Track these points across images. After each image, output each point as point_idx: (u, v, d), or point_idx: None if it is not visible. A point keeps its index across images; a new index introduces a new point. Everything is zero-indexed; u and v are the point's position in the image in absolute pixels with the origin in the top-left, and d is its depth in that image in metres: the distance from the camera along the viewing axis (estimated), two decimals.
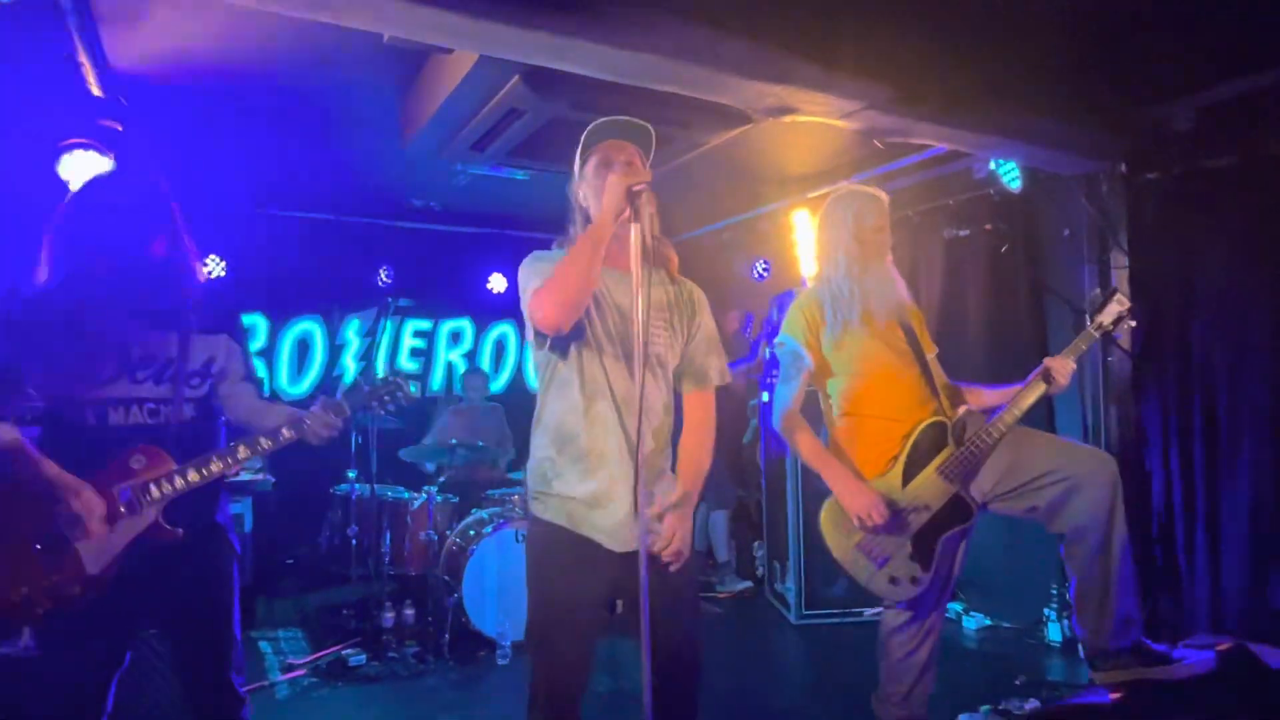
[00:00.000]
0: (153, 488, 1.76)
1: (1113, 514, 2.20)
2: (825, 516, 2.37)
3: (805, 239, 5.27)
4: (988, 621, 4.12)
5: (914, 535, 2.27)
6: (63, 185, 2.90)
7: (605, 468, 1.75)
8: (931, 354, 2.47)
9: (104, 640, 1.77)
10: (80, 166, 2.94)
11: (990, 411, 2.36)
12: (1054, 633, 3.76)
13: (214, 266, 4.82)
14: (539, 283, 1.73)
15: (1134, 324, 2.51)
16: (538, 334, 1.79)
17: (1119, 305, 2.41)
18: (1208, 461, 3.34)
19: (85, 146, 2.97)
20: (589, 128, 1.84)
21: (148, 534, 1.76)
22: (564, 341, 1.77)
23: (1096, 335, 2.40)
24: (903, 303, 2.41)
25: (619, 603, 1.80)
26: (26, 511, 1.70)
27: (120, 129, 3.05)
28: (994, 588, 4.17)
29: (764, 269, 5.93)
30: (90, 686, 1.76)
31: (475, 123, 3.34)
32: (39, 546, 1.69)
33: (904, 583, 2.25)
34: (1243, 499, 3.22)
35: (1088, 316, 2.43)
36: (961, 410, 2.34)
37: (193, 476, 1.79)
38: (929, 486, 2.27)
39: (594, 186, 1.80)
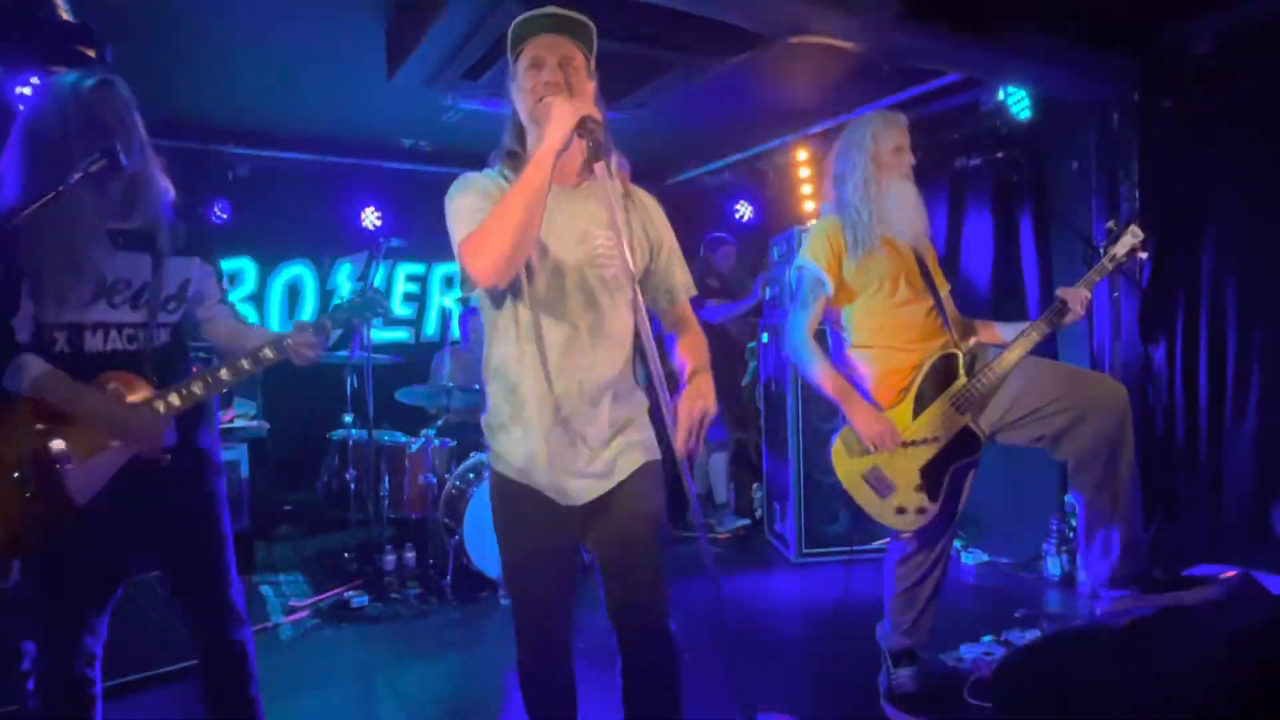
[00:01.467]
0: (159, 404, 1.71)
1: (1121, 442, 2.17)
2: (838, 446, 2.34)
3: (806, 177, 5.16)
4: (986, 557, 4.15)
5: (922, 466, 2.24)
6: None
7: (545, 418, 1.58)
8: (945, 290, 2.42)
9: (95, 570, 1.74)
10: None
11: (999, 347, 2.32)
12: (1053, 567, 3.78)
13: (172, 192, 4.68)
14: (467, 229, 1.51)
15: (1144, 256, 2.44)
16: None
17: (1133, 237, 2.34)
18: (1212, 394, 3.31)
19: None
20: (516, 20, 1.59)
21: (133, 461, 1.72)
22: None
23: (1110, 267, 2.34)
24: (921, 232, 2.35)
25: (586, 555, 1.71)
26: (8, 442, 1.64)
27: (93, 55, 2.89)
28: (992, 524, 4.18)
29: (751, 213, 5.83)
30: (83, 617, 1.73)
31: (468, 48, 3.18)
32: (25, 478, 1.63)
33: (910, 513, 2.23)
34: (1247, 431, 3.20)
35: (1101, 248, 2.37)
36: (973, 341, 2.30)
37: (175, 400, 1.74)
38: (940, 417, 2.24)
39: (522, 93, 1.58)
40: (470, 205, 1.57)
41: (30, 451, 1.64)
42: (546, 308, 1.58)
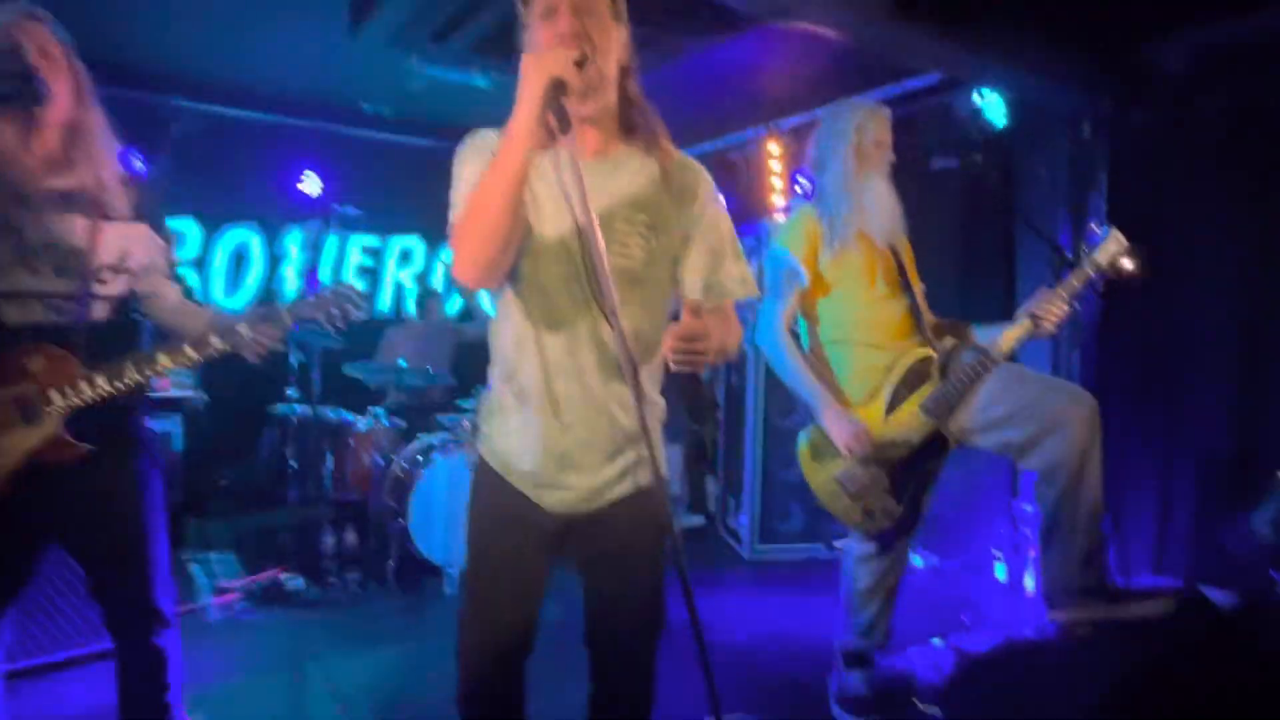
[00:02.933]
0: (53, 394, 1.54)
1: (1086, 454, 2.15)
2: (804, 446, 2.28)
3: (778, 171, 5.11)
4: (936, 560, 4.18)
5: (891, 468, 2.20)
6: None
7: (544, 414, 1.41)
8: (919, 289, 2.37)
9: None
10: None
11: (975, 349, 2.29)
12: (1001, 572, 3.82)
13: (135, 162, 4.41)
14: (455, 215, 1.36)
15: (1129, 266, 2.38)
16: None
17: (1116, 244, 2.30)
18: (1167, 410, 3.36)
19: None
20: None
21: (48, 447, 1.55)
22: None
23: (1091, 273, 2.30)
24: (898, 230, 2.29)
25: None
26: None
27: None
28: (943, 526, 4.21)
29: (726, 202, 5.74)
30: None
31: (436, 7, 3.02)
32: None
33: (878, 514, 2.19)
34: (1197, 449, 3.26)
35: (1083, 254, 2.33)
36: (947, 344, 2.25)
37: (102, 384, 1.57)
38: (911, 420, 2.20)
39: (536, 46, 1.35)
40: (469, 179, 1.38)
41: None
42: (550, 296, 1.39)
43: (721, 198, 1.53)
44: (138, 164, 1.76)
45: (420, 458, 3.76)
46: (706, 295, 1.48)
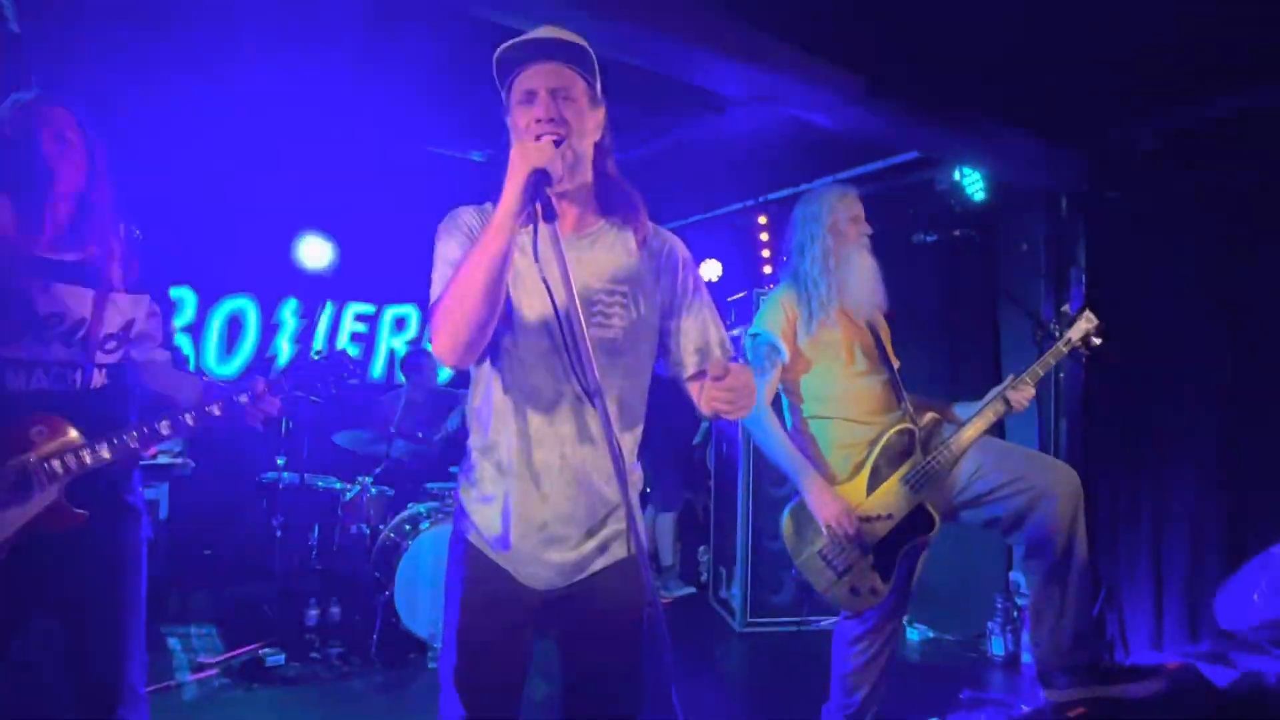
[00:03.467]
0: (55, 463, 1.55)
1: (1073, 528, 2.16)
2: (788, 522, 2.27)
3: (764, 242, 5.23)
4: (931, 633, 4.10)
5: (876, 544, 2.19)
6: None
7: (523, 486, 1.41)
8: (896, 365, 2.42)
9: None
10: None
11: (954, 425, 2.31)
12: (997, 646, 3.74)
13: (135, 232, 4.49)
14: (439, 291, 1.38)
15: (1098, 342, 2.45)
16: None
17: (1087, 323, 2.37)
18: (1153, 479, 3.37)
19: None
20: (501, 48, 1.40)
21: (46, 515, 1.55)
22: None
23: (1065, 350, 2.36)
24: (879, 303, 2.35)
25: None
26: None
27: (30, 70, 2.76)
28: (937, 599, 4.15)
29: (721, 271, 5.84)
30: None
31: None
32: None
33: (864, 593, 2.17)
34: (1186, 518, 3.25)
35: (1055, 331, 2.39)
36: (928, 418, 2.28)
37: (104, 452, 1.59)
38: (893, 495, 2.20)
39: (515, 129, 1.40)
40: (449, 257, 1.40)
41: None
42: (531, 369, 1.41)
43: (696, 268, 1.58)
44: (137, 234, 1.80)
45: (408, 527, 3.72)
46: (700, 362, 1.50)
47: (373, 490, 4.05)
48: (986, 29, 2.70)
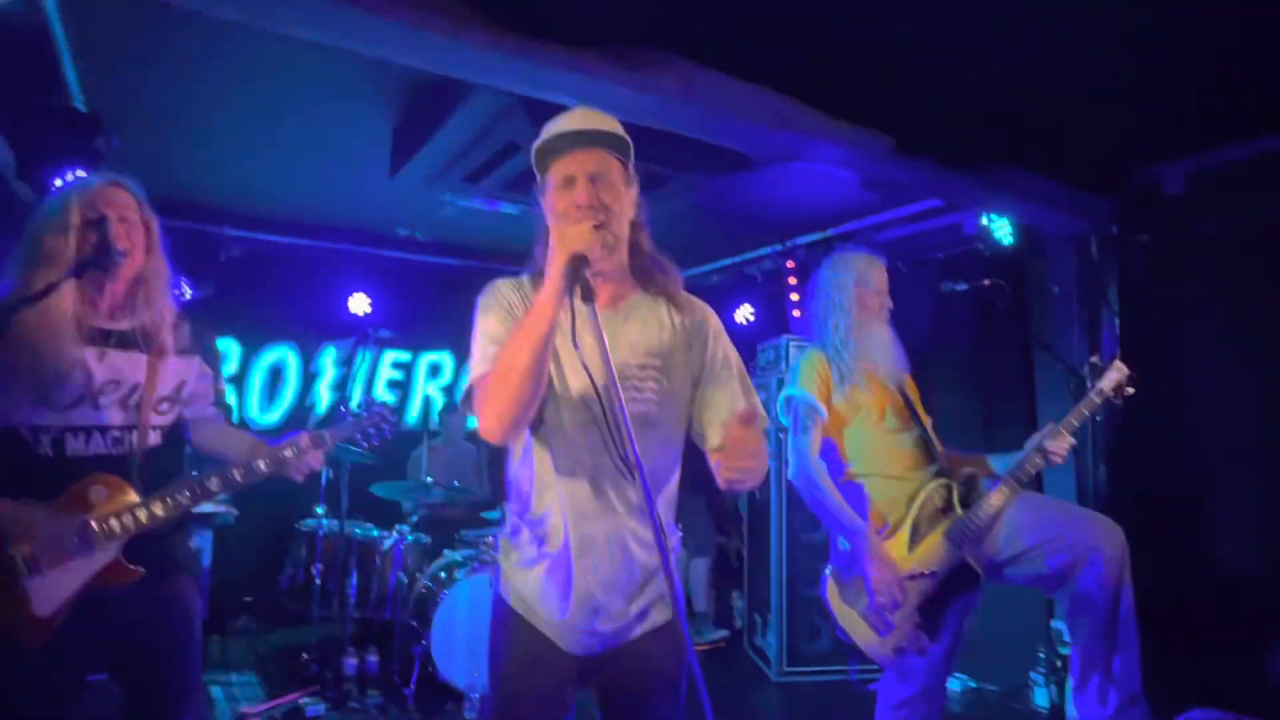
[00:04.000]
0: (114, 522, 1.62)
1: (1120, 585, 2.13)
2: (831, 583, 2.28)
3: (793, 286, 5.26)
4: (972, 684, 4.02)
5: (921, 603, 2.19)
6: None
7: (565, 556, 1.44)
8: (928, 422, 2.43)
9: (49, 688, 1.62)
10: None
11: (992, 479, 2.31)
12: (1040, 698, 3.66)
13: (183, 290, 4.67)
14: (480, 370, 1.42)
15: (1131, 391, 2.44)
16: None
17: (1118, 373, 2.36)
18: (1196, 527, 3.30)
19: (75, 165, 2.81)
20: (545, 134, 1.47)
21: (106, 572, 1.62)
22: None
23: (1098, 401, 2.35)
24: (900, 370, 2.39)
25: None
26: None
27: (99, 144, 2.92)
28: (976, 647, 4.06)
29: (751, 315, 5.88)
30: None
31: (472, 154, 3.27)
32: None
33: (910, 653, 2.15)
34: (1231, 566, 3.18)
35: (1087, 382, 2.39)
36: (965, 472, 2.28)
37: (158, 510, 1.66)
38: (935, 551, 2.21)
39: (553, 214, 1.46)
40: (491, 333, 1.46)
41: None
42: (570, 442, 1.45)
43: (727, 338, 1.60)
44: (187, 292, 1.89)
45: (444, 575, 3.77)
46: (725, 435, 1.49)
47: (409, 538, 4.11)
48: (1008, 78, 2.74)
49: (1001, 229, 3.92)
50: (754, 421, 1.35)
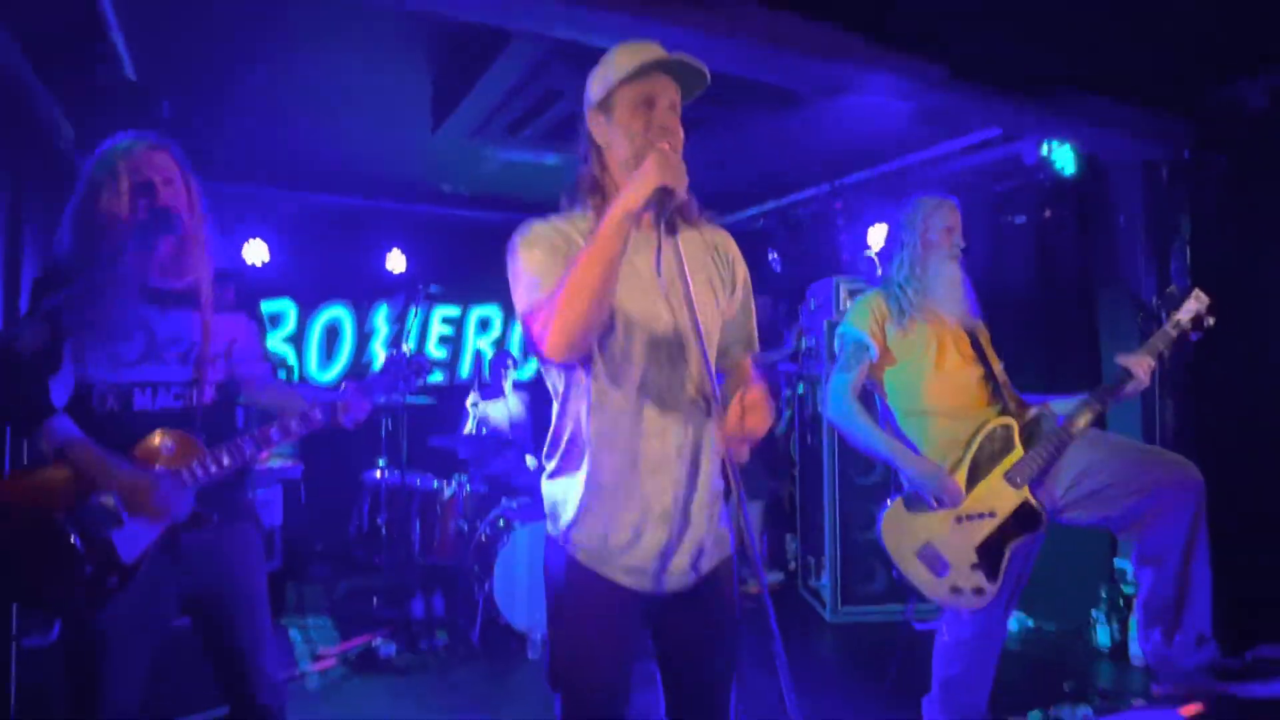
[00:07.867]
0: (184, 473, 1.71)
1: (1194, 529, 2.06)
2: (886, 524, 2.26)
3: (842, 227, 5.13)
4: (1030, 623, 3.99)
5: (979, 544, 2.16)
6: None
7: (629, 494, 1.43)
8: (998, 365, 2.36)
9: (137, 631, 1.72)
10: None
11: (1062, 418, 2.24)
12: (1103, 637, 3.62)
13: (258, 250, 4.83)
14: (532, 296, 1.39)
15: (1211, 323, 2.31)
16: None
17: (1197, 302, 2.24)
18: (1273, 465, 3.17)
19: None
20: (631, 49, 1.43)
21: (180, 520, 1.71)
22: None
23: (1174, 334, 2.24)
24: (966, 312, 2.33)
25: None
26: (58, 503, 1.64)
27: (161, 113, 2.97)
28: (1037, 586, 4.01)
29: (774, 258, 5.73)
30: (121, 678, 1.71)
31: (514, 103, 3.23)
32: (74, 539, 1.64)
33: (968, 593, 2.14)
34: None
35: (1162, 313, 2.27)
36: (1031, 411, 2.22)
37: (225, 460, 1.75)
38: (995, 491, 2.16)
39: (627, 129, 1.42)
40: (536, 265, 1.41)
41: (77, 509, 1.64)
42: (625, 368, 1.42)
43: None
44: (264, 256, 1.97)
45: (502, 523, 3.88)
46: (736, 349, 1.60)
47: (469, 488, 4.23)
48: None
49: (1063, 157, 3.74)
50: (762, 391, 1.37)
